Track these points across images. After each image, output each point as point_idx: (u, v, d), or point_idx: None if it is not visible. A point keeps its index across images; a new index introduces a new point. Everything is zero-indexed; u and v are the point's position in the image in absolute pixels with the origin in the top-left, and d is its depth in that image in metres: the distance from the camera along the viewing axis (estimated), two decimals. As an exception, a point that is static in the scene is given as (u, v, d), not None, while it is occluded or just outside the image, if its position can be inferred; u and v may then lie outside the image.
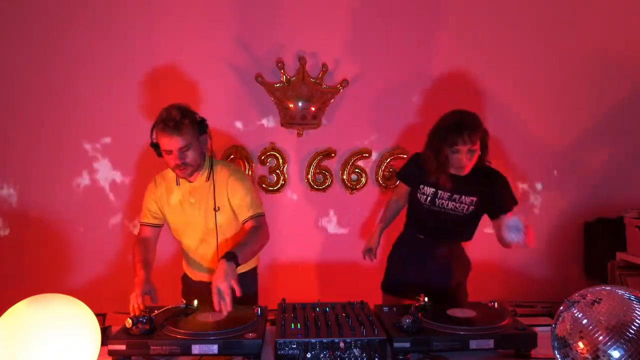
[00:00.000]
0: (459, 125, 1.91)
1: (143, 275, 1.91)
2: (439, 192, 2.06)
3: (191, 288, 2.25)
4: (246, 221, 2.08)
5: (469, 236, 2.19)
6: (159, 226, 2.18)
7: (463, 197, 2.03)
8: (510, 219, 1.83)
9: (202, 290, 2.14)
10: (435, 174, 2.04)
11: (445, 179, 2.03)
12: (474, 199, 2.03)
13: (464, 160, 1.93)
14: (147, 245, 2.11)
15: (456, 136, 1.90)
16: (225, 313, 1.71)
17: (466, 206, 2.04)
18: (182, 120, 1.94)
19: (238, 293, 1.75)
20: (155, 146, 2.00)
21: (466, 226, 2.14)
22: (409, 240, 2.26)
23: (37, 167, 3.22)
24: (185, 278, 2.31)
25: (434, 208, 2.09)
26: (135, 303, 1.77)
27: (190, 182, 2.09)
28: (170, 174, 2.13)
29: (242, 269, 2.07)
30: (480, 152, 1.99)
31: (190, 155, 1.98)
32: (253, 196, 2.10)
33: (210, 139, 2.08)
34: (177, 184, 2.11)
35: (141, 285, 1.85)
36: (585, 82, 3.38)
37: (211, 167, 2.09)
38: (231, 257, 1.83)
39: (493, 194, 2.02)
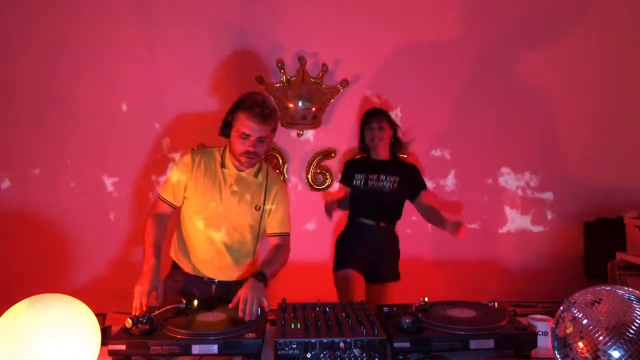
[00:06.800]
0: (370, 112, 2.73)
1: (153, 264, 1.82)
2: (369, 175, 2.66)
3: (178, 277, 2.11)
4: (273, 236, 2.07)
5: (398, 213, 2.73)
6: (174, 207, 2.05)
7: (387, 176, 2.65)
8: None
9: (188, 284, 2.07)
10: (362, 151, 2.79)
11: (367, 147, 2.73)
12: (397, 178, 2.65)
13: (377, 134, 2.65)
14: (161, 224, 1.99)
15: (369, 117, 2.69)
16: (247, 319, 1.68)
17: (391, 184, 2.64)
18: (274, 112, 1.94)
19: (267, 308, 1.76)
20: (227, 124, 1.95)
21: (394, 202, 2.71)
22: (356, 228, 2.71)
23: (37, 166, 3.22)
24: (174, 267, 2.15)
25: (367, 188, 2.65)
26: (139, 302, 1.72)
27: (239, 170, 2.01)
28: (216, 155, 2.04)
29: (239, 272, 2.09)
30: (391, 134, 2.69)
31: (264, 148, 1.95)
32: (288, 215, 2.10)
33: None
34: (223, 166, 2.01)
35: (149, 278, 1.78)
36: (584, 82, 3.39)
37: (260, 165, 2.06)
38: (262, 278, 1.82)
39: (408, 176, 2.70)
